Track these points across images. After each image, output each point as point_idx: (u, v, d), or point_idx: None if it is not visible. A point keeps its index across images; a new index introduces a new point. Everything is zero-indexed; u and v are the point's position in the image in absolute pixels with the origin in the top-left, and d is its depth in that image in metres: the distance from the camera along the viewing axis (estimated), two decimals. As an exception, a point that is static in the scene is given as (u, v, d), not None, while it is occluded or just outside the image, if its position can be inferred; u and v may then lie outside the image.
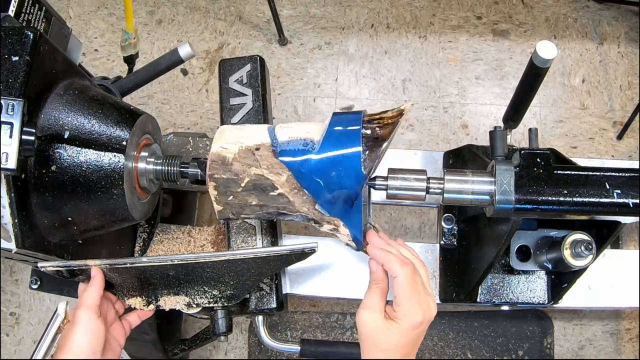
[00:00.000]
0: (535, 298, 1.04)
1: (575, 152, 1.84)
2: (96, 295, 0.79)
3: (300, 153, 0.79)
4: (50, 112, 0.76)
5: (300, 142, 0.79)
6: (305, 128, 0.81)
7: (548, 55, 0.85)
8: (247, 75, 1.07)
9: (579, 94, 1.90)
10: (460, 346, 1.68)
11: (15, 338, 1.78)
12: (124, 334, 0.87)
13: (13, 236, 0.72)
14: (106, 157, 0.77)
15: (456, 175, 0.83)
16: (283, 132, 0.82)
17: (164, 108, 1.92)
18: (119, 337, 0.85)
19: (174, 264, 0.82)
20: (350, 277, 1.10)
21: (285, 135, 0.81)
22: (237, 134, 0.83)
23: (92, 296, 0.79)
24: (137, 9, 2.00)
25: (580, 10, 1.98)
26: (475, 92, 1.90)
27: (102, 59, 1.98)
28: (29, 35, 0.73)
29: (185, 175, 0.88)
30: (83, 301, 0.78)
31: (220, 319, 0.93)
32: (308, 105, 1.90)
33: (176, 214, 1.31)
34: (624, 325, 1.72)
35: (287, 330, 1.72)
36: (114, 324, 0.86)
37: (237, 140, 0.81)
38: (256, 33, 1.98)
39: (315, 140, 0.79)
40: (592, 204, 0.79)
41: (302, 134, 0.80)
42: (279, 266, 0.90)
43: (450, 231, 1.09)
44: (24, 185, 0.74)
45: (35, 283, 1.17)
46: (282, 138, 0.80)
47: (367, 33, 1.97)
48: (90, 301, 0.78)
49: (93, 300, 0.79)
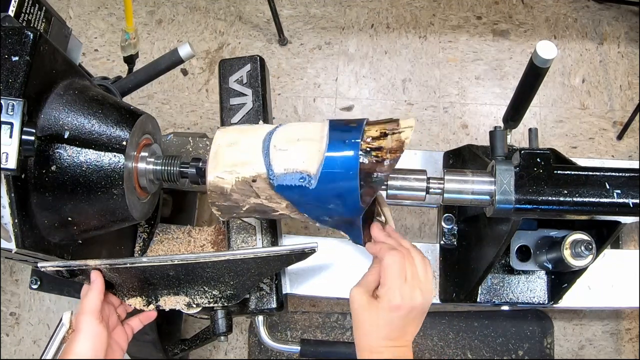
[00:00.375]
0: (535, 298, 1.04)
1: (575, 152, 1.84)
2: (97, 301, 0.80)
3: (297, 189, 0.78)
4: (50, 112, 0.76)
5: (296, 175, 0.77)
6: (301, 155, 0.77)
7: (548, 55, 0.85)
8: (247, 75, 1.07)
9: (579, 94, 1.90)
10: (460, 346, 1.68)
11: (15, 338, 1.78)
12: (126, 338, 0.87)
13: (13, 236, 0.72)
14: (106, 157, 0.77)
15: (456, 175, 0.83)
16: (278, 160, 0.78)
17: (164, 108, 1.92)
18: (121, 341, 0.86)
19: (174, 264, 0.82)
20: (350, 277, 1.10)
21: (281, 166, 0.77)
22: (231, 158, 0.79)
23: (92, 301, 0.80)
24: (137, 9, 2.00)
25: (580, 10, 1.98)
26: (475, 92, 1.90)
27: (102, 59, 1.98)
28: (29, 35, 0.73)
29: (185, 175, 0.87)
30: (84, 307, 0.79)
31: (220, 319, 0.93)
32: (308, 105, 1.90)
33: (176, 214, 1.31)
34: (624, 325, 1.72)
35: (287, 330, 1.72)
36: (116, 328, 0.86)
37: (232, 167, 0.79)
38: (256, 33, 1.98)
39: (312, 173, 0.76)
40: (592, 204, 0.79)
41: (298, 165, 0.77)
42: (279, 266, 0.90)
43: (450, 231, 1.09)
44: (24, 185, 0.74)
45: (35, 283, 1.17)
46: (278, 169, 0.77)
47: (367, 33, 1.97)
48: (92, 306, 0.79)
49: (94, 305, 0.79)
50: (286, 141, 0.78)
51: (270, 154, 0.78)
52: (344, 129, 0.77)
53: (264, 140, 0.80)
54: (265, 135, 0.80)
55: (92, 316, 0.78)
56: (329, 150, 0.75)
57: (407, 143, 0.75)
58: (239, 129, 0.85)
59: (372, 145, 0.75)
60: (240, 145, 0.80)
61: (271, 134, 0.80)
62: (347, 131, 0.77)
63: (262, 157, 0.78)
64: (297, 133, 0.80)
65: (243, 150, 0.80)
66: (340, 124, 0.79)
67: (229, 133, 0.83)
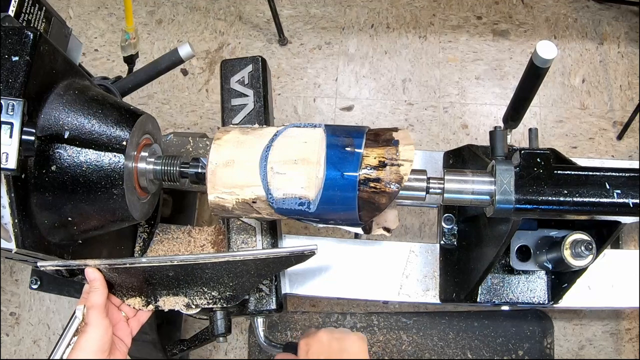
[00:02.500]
0: (535, 298, 1.04)
1: (575, 152, 1.84)
2: (102, 296, 0.81)
3: (297, 212, 0.78)
4: (50, 112, 0.76)
5: (295, 200, 0.77)
6: (299, 181, 0.76)
7: (548, 55, 0.85)
8: (248, 76, 1.07)
9: (579, 94, 1.90)
10: (460, 346, 1.68)
11: (15, 338, 1.78)
12: (130, 333, 0.88)
13: (13, 236, 0.72)
14: (106, 157, 0.77)
15: (456, 175, 0.83)
16: (276, 184, 0.77)
17: (164, 108, 1.92)
18: (124, 337, 0.86)
19: (174, 265, 0.82)
20: (350, 277, 1.10)
21: (280, 191, 0.77)
22: (230, 179, 0.78)
23: (98, 297, 0.81)
24: (137, 9, 2.00)
25: (580, 10, 1.98)
26: (475, 92, 1.90)
27: (102, 59, 1.98)
28: (29, 35, 0.73)
29: (185, 175, 0.87)
30: (90, 303, 0.80)
31: (219, 320, 0.93)
32: (308, 105, 1.90)
33: (176, 214, 1.31)
34: (624, 325, 1.72)
35: (287, 330, 1.72)
36: (118, 324, 0.86)
37: (231, 189, 0.79)
38: (256, 33, 1.98)
39: (310, 198, 0.76)
40: (592, 204, 0.79)
41: (297, 191, 0.77)
42: (279, 268, 0.90)
43: (450, 231, 1.09)
44: (24, 185, 0.74)
45: (35, 283, 1.17)
46: (277, 194, 0.77)
47: (367, 33, 1.97)
48: (98, 301, 0.80)
49: (100, 300, 0.81)
50: (283, 162, 0.77)
51: (267, 176, 0.77)
52: (342, 154, 0.75)
53: (261, 159, 0.78)
54: (261, 151, 0.78)
55: (98, 310, 0.79)
56: (327, 177, 0.75)
57: (406, 180, 0.74)
58: (234, 141, 0.81)
59: (370, 175, 0.74)
60: (236, 165, 0.79)
61: (268, 149, 0.78)
62: (344, 159, 0.75)
63: (260, 179, 0.77)
64: (294, 152, 0.77)
65: (240, 172, 0.78)
66: (337, 143, 0.76)
67: (224, 148, 0.80)
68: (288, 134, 0.78)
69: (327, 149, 0.76)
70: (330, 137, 0.77)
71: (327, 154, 0.76)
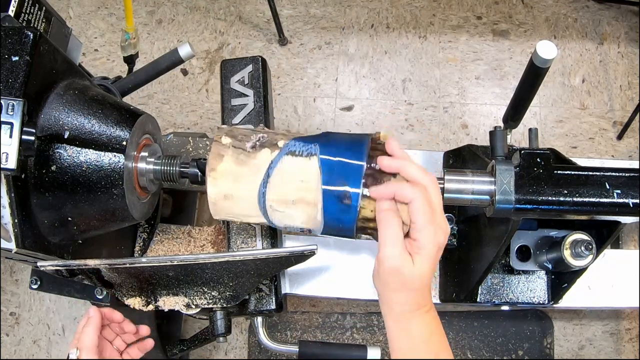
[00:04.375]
0: (535, 298, 1.04)
1: (575, 152, 1.84)
2: (94, 336, 0.80)
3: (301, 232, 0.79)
4: (50, 112, 0.76)
5: (297, 229, 0.77)
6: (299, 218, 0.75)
7: (548, 55, 0.85)
8: (248, 76, 1.07)
9: (579, 94, 1.90)
10: (460, 346, 1.68)
11: (15, 338, 1.78)
12: None
13: (13, 236, 0.72)
14: (106, 157, 0.77)
15: (456, 175, 0.83)
16: (277, 218, 0.76)
17: (164, 108, 1.92)
18: None
19: (174, 265, 0.82)
20: (350, 277, 1.10)
21: (281, 223, 0.77)
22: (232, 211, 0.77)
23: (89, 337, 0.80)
24: (137, 9, 2.00)
25: (580, 10, 1.98)
26: (475, 92, 1.90)
27: (102, 59, 1.98)
28: (29, 35, 0.73)
29: (185, 175, 0.87)
30: (82, 343, 0.80)
31: (219, 320, 0.93)
32: (308, 105, 1.90)
33: (176, 214, 1.31)
34: (624, 325, 1.72)
35: (287, 330, 1.72)
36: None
37: (234, 217, 0.79)
38: (256, 33, 1.98)
39: (312, 229, 0.76)
40: (592, 204, 0.79)
41: (298, 225, 0.76)
42: (278, 268, 0.90)
43: (450, 231, 1.09)
44: (24, 185, 0.74)
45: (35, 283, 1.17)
46: (279, 224, 0.77)
47: (367, 33, 1.97)
48: (88, 343, 0.80)
49: (92, 341, 0.80)
50: (282, 202, 0.75)
51: (268, 212, 0.76)
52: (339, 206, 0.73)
53: (259, 196, 0.75)
54: (258, 187, 0.75)
55: (89, 352, 0.79)
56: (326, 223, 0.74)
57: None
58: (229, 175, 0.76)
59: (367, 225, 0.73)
60: (235, 199, 0.77)
61: (265, 185, 0.75)
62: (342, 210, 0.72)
63: (261, 213, 0.77)
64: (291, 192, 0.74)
65: (241, 205, 0.77)
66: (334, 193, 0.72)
67: (220, 182, 0.76)
68: (283, 168, 0.75)
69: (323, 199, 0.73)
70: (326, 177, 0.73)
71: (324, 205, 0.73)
